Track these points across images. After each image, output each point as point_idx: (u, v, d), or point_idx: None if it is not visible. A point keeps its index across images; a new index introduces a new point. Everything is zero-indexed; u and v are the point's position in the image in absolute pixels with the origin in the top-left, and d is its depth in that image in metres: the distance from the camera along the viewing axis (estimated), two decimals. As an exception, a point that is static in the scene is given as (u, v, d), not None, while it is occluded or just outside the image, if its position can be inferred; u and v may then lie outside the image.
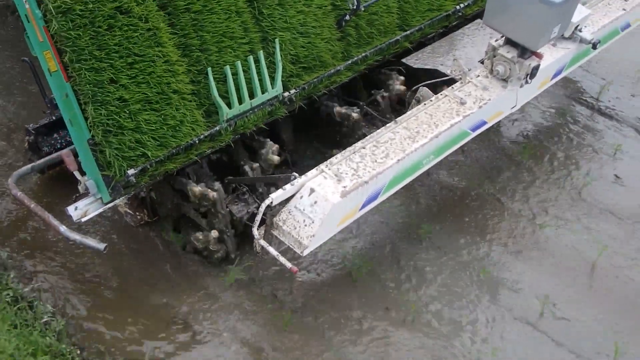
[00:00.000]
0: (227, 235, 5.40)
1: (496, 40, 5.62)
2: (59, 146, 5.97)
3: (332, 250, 5.80)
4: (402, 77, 6.38)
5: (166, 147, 4.79)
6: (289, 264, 4.51)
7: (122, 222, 5.96)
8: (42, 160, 5.68)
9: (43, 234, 5.81)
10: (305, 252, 4.59)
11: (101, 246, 4.75)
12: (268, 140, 5.62)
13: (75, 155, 4.81)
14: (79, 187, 4.73)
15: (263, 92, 5.28)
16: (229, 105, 5.10)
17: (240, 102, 5.16)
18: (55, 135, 6.05)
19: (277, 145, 5.60)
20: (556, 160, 6.88)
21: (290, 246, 4.69)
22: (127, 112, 4.55)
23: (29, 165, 5.64)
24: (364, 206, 4.89)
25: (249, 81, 5.19)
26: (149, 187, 5.38)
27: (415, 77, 6.20)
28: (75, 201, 4.79)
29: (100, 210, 4.84)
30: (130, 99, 4.54)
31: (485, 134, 6.22)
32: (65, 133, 6.01)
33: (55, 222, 4.92)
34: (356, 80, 6.26)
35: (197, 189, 5.18)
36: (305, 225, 4.59)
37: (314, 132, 6.49)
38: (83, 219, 4.78)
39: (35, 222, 5.91)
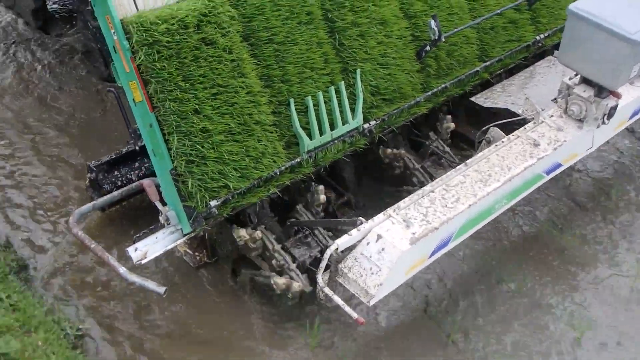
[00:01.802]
0: (289, 269, 5.26)
1: (570, 79, 5.53)
2: (119, 184, 6.03)
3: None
4: (448, 116, 6.29)
5: (248, 179, 4.82)
6: (355, 315, 4.41)
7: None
8: (103, 198, 5.71)
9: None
10: (372, 302, 4.48)
11: (161, 290, 4.69)
12: (312, 182, 5.52)
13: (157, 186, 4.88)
14: (160, 218, 4.78)
15: (344, 124, 5.29)
16: (310, 137, 5.12)
17: (321, 133, 5.19)
18: (116, 172, 6.11)
19: (321, 186, 5.51)
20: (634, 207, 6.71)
21: (356, 295, 4.57)
22: (210, 142, 4.61)
23: (90, 204, 5.63)
24: (433, 253, 4.78)
25: (330, 112, 5.22)
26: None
27: (483, 116, 6.10)
28: (135, 242, 4.81)
29: (161, 251, 4.80)
30: (213, 129, 4.61)
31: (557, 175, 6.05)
32: (126, 171, 6.13)
33: (115, 263, 4.89)
34: (421, 118, 6.16)
35: (242, 232, 5.16)
36: (372, 274, 4.48)
37: (376, 172, 6.38)
38: (143, 261, 4.75)
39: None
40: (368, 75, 5.44)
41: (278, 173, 4.99)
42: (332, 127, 5.25)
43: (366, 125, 5.46)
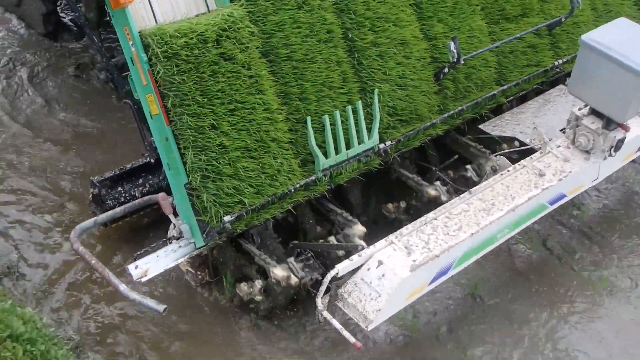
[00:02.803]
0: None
1: (580, 109, 5.54)
2: (122, 200, 6.08)
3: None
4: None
5: (263, 196, 4.87)
6: (352, 339, 4.43)
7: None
8: (106, 214, 5.53)
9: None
10: (370, 327, 4.53)
11: (160, 308, 4.60)
12: (356, 221, 5.54)
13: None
14: (173, 231, 4.86)
15: (360, 143, 5.34)
16: (326, 155, 5.18)
17: (337, 152, 5.23)
18: (119, 188, 6.16)
19: (364, 229, 5.50)
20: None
21: (355, 319, 4.62)
22: (227, 158, 4.67)
23: (92, 220, 5.41)
24: (433, 281, 4.86)
25: (346, 131, 5.27)
26: (212, 246, 5.29)
27: (494, 141, 6.13)
28: (135, 259, 4.81)
29: (162, 270, 4.82)
30: (230, 145, 4.67)
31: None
32: (130, 187, 6.16)
33: (115, 280, 4.78)
34: (428, 143, 6.16)
35: (244, 287, 5.33)
36: (372, 299, 4.53)
37: (383, 195, 6.33)
38: (143, 279, 4.75)
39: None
40: (386, 95, 5.50)
41: (293, 190, 5.05)
42: (348, 146, 5.30)
43: (382, 145, 5.51)
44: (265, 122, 4.86)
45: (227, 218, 4.73)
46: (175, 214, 4.90)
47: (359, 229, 5.45)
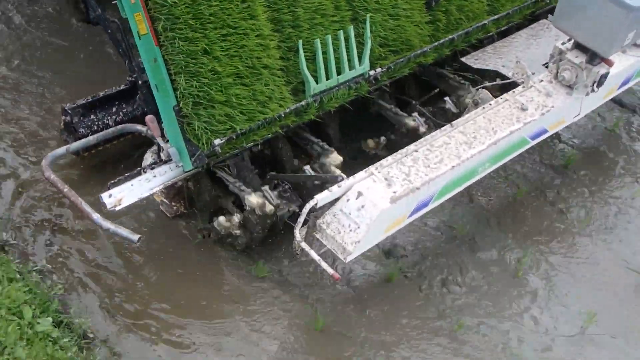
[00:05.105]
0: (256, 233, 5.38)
1: (563, 44, 5.52)
2: (95, 128, 5.88)
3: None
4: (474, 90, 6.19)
5: (253, 122, 4.90)
6: (330, 270, 4.40)
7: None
8: (78, 142, 5.40)
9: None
10: (349, 259, 4.54)
11: (135, 237, 4.58)
12: (332, 150, 5.54)
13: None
14: (161, 154, 4.87)
15: (350, 69, 5.37)
16: (317, 80, 5.20)
17: (328, 77, 5.25)
18: (92, 116, 5.95)
19: (340, 159, 5.52)
20: (610, 169, 6.88)
21: (333, 251, 4.61)
22: (219, 85, 4.66)
23: (64, 147, 5.33)
24: (413, 213, 4.86)
25: (337, 58, 5.28)
26: (187, 177, 5.20)
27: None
28: (109, 188, 4.74)
29: (136, 199, 4.77)
30: (222, 71, 4.66)
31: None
32: (103, 115, 5.97)
33: (88, 208, 4.71)
34: (408, 78, 6.16)
35: (256, 200, 5.09)
36: (351, 230, 4.52)
37: (361, 128, 6.33)
38: (117, 208, 4.68)
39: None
40: (378, 26, 5.50)
41: (283, 115, 5.08)
42: (339, 72, 5.31)
43: (372, 72, 5.54)
44: (257, 48, 4.85)
45: (217, 141, 4.74)
46: (164, 137, 4.88)
47: (336, 157, 5.49)
